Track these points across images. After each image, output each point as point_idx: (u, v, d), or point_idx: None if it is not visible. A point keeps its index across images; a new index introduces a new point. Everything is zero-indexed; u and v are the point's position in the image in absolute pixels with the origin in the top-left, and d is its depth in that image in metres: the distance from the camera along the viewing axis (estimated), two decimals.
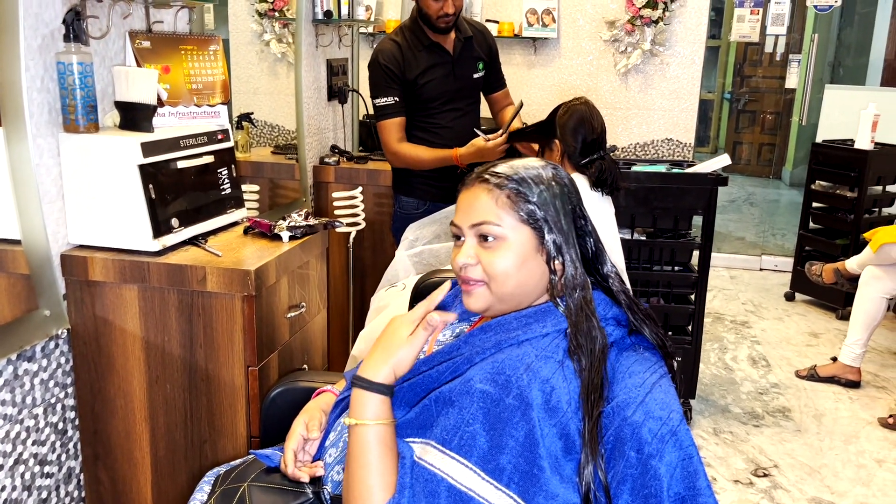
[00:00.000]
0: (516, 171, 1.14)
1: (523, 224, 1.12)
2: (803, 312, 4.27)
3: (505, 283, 1.12)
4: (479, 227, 1.13)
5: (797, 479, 2.62)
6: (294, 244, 1.88)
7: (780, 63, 7.39)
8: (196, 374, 1.74)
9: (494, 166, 1.16)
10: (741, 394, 3.24)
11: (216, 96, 1.97)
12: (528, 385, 1.01)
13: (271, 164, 3.00)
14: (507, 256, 1.11)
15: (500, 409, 1.01)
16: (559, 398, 1.01)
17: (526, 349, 1.07)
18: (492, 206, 1.12)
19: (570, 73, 4.54)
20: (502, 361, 1.06)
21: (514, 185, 1.12)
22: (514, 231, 1.12)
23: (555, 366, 1.04)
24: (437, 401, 1.07)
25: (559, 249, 1.12)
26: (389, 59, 2.50)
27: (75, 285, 1.75)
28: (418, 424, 1.09)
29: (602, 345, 1.06)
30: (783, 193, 7.43)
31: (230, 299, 1.69)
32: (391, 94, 2.51)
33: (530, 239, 1.12)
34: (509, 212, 1.12)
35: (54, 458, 1.79)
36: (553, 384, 1.02)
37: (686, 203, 2.82)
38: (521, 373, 1.03)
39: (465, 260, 1.14)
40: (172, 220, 1.77)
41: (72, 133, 1.70)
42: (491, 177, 1.14)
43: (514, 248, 1.11)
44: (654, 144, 4.57)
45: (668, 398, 1.03)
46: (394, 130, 2.54)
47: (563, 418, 1.00)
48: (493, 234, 1.12)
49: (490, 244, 1.12)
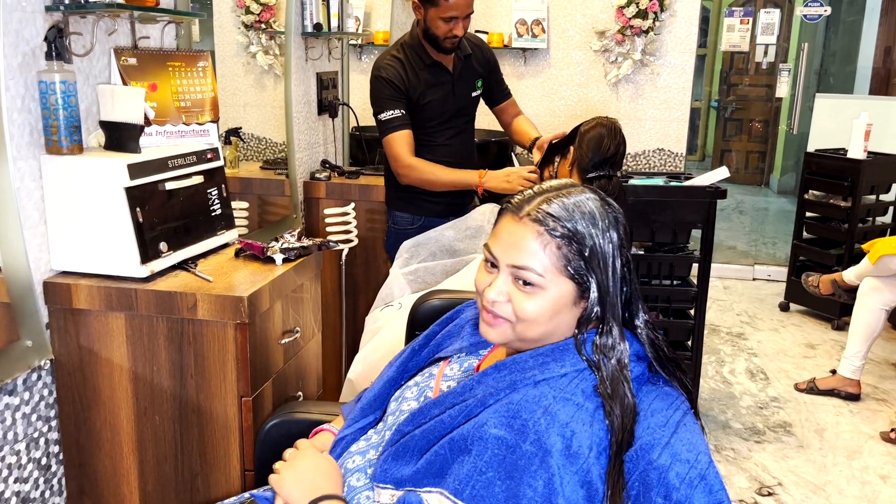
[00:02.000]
0: (571, 216, 1.03)
1: (567, 279, 1.04)
2: (798, 323, 4.23)
3: (532, 329, 1.06)
4: (519, 271, 1.04)
5: (802, 497, 2.57)
6: (288, 267, 1.81)
7: (767, 71, 7.41)
8: (186, 406, 1.67)
9: (548, 203, 1.04)
10: (741, 408, 3.19)
11: (205, 114, 1.90)
12: (546, 430, 0.95)
13: (260, 179, 2.92)
14: (541, 305, 1.04)
15: (517, 457, 0.95)
16: (580, 443, 0.95)
17: (543, 390, 1.01)
18: (538, 254, 1.03)
19: (561, 84, 4.50)
20: (518, 403, 0.99)
21: (567, 235, 1.02)
22: (555, 283, 1.03)
23: (573, 408, 0.98)
24: (451, 447, 1.01)
25: (603, 309, 1.04)
26: (394, 75, 2.43)
27: (59, 314, 1.67)
28: (432, 472, 1.02)
29: (632, 408, 1.00)
30: (772, 201, 7.43)
31: (222, 327, 1.61)
32: (397, 108, 2.43)
33: (571, 292, 1.04)
34: (556, 263, 1.03)
35: (37, 495, 1.71)
36: (573, 428, 0.96)
37: (685, 216, 2.78)
38: (538, 416, 0.97)
39: (495, 296, 1.06)
40: (161, 244, 1.70)
41: (54, 155, 1.62)
42: (543, 218, 1.03)
43: (551, 299, 1.04)
44: (645, 155, 4.54)
45: (694, 438, 0.97)
46: (404, 143, 2.44)
47: (585, 465, 0.94)
48: (533, 281, 1.03)
49: (527, 289, 1.04)
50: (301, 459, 1.16)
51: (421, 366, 1.31)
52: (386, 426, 1.21)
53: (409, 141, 2.45)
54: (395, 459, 1.08)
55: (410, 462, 1.06)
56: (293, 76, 2.80)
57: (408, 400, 1.21)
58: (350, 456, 1.21)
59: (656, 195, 2.76)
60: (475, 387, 1.07)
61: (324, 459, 1.16)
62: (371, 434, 1.24)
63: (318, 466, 1.14)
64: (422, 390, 1.22)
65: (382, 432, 1.21)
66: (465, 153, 2.63)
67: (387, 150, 2.49)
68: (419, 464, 1.04)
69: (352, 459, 1.20)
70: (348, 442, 1.25)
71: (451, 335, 1.31)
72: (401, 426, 1.13)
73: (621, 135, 2.10)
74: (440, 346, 1.31)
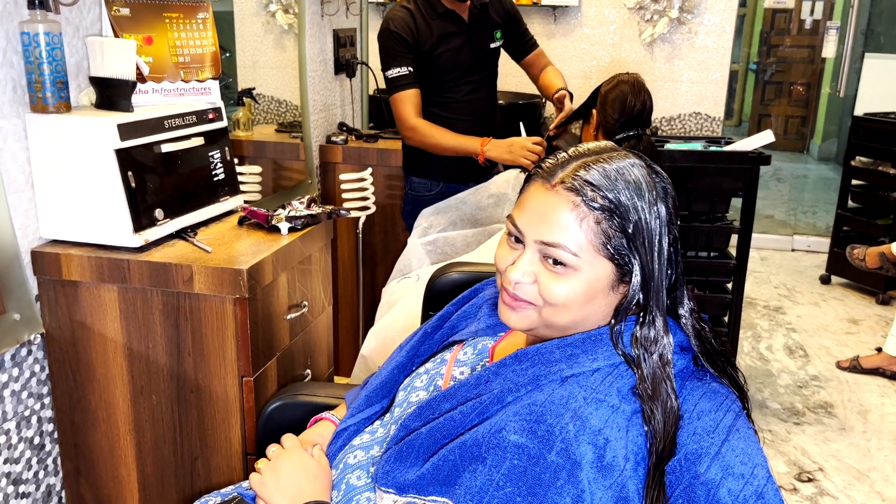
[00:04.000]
0: (614, 185, 0.87)
1: (606, 259, 0.88)
2: (840, 297, 4.03)
3: (561, 315, 0.90)
4: (549, 249, 0.89)
5: (844, 484, 2.41)
6: (294, 236, 1.68)
7: (810, 31, 7.06)
8: (185, 385, 1.55)
9: (586, 169, 0.88)
10: (779, 387, 3.03)
11: (206, 70, 1.76)
12: (575, 438, 0.81)
13: (274, 143, 2.78)
14: (573, 288, 0.88)
15: (541, 469, 0.81)
16: (615, 453, 0.80)
17: (571, 389, 0.86)
18: (574, 229, 0.87)
19: (593, 44, 4.28)
20: (542, 405, 0.84)
21: (608, 207, 0.86)
22: (591, 264, 0.88)
23: (608, 411, 0.83)
24: (462, 453, 0.87)
25: (646, 296, 0.88)
26: (402, 28, 2.27)
27: (49, 285, 1.56)
28: (439, 479, 0.88)
29: (675, 412, 0.85)
30: (812, 168, 7.13)
31: (220, 302, 1.49)
32: (405, 65, 2.28)
33: (609, 274, 0.89)
34: (594, 240, 0.87)
35: (30, 475, 1.61)
36: (607, 435, 0.81)
37: (724, 184, 2.59)
38: (566, 422, 0.82)
39: (518, 277, 0.91)
40: (156, 211, 1.57)
41: (40, 113, 1.50)
42: (581, 186, 0.87)
43: (585, 282, 0.88)
44: (680, 119, 4.32)
45: (749, 447, 0.82)
46: (409, 103, 2.31)
47: (620, 478, 0.80)
48: (565, 261, 0.88)
49: (557, 269, 0.89)
50: (285, 461, 1.03)
51: (434, 350, 1.18)
52: (392, 419, 1.08)
53: (416, 101, 2.31)
54: (399, 461, 0.95)
55: (415, 465, 0.92)
56: (307, 32, 2.64)
57: (417, 390, 1.08)
58: (352, 450, 1.08)
59: (694, 161, 2.58)
60: (491, 379, 0.92)
61: (311, 461, 1.04)
62: (377, 426, 1.11)
63: (303, 468, 1.01)
64: (432, 378, 1.08)
65: (388, 426, 1.08)
66: (485, 111, 2.46)
67: (393, 110, 2.36)
68: (425, 467, 0.90)
69: (353, 455, 1.07)
70: (350, 434, 1.12)
71: (468, 316, 1.16)
72: (406, 421, 1.00)
73: (646, 90, 1.93)
74: (455, 328, 1.17)
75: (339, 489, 1.03)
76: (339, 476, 1.05)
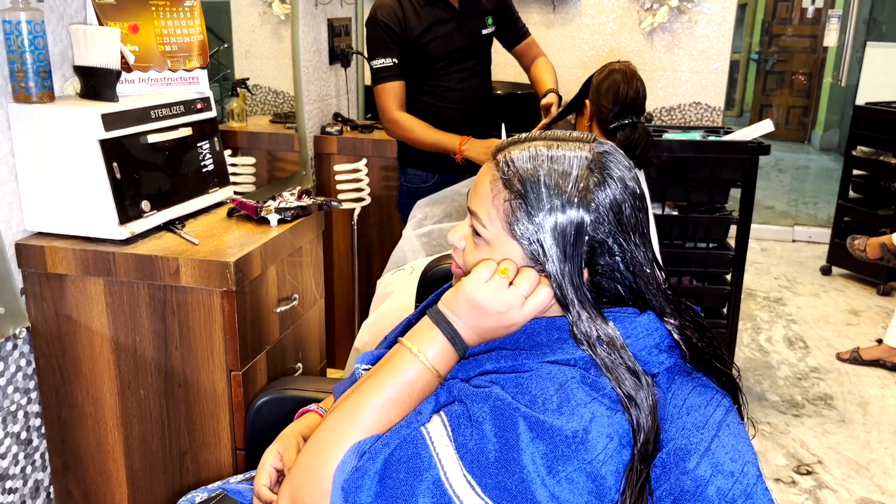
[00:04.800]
0: (535, 170, 0.85)
1: (513, 239, 0.86)
2: (841, 288, 4.00)
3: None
4: (472, 217, 0.90)
5: (844, 476, 2.39)
6: (283, 228, 1.65)
7: (812, 20, 7.00)
8: (172, 379, 1.53)
9: (521, 147, 0.88)
10: (778, 379, 3.00)
11: (194, 59, 1.73)
12: (557, 408, 0.79)
13: (269, 134, 2.75)
14: (485, 263, 0.87)
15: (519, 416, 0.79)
16: (599, 431, 0.78)
17: (560, 368, 0.83)
18: (487, 201, 0.88)
19: (592, 33, 4.23)
20: (528, 378, 0.83)
21: (518, 190, 0.85)
22: (500, 241, 0.87)
23: (594, 391, 0.81)
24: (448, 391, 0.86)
25: (561, 290, 0.85)
26: (388, 16, 2.23)
27: (34, 278, 1.54)
28: None
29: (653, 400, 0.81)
30: (813, 159, 7.09)
31: (207, 295, 1.46)
32: (389, 55, 2.25)
33: (520, 258, 0.87)
34: (502, 217, 0.86)
35: (17, 471, 1.59)
36: (593, 410, 0.79)
37: (723, 174, 2.56)
38: (550, 393, 0.80)
39: (454, 240, 0.93)
40: (143, 203, 1.54)
41: (23, 103, 1.47)
42: (505, 163, 0.87)
43: (496, 258, 0.87)
44: (680, 109, 4.27)
45: (739, 444, 0.80)
46: (392, 95, 2.28)
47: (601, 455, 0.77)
48: (480, 232, 0.89)
49: (476, 239, 0.90)
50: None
51: None
52: None
53: (398, 93, 2.29)
54: None
55: None
56: (301, 21, 2.61)
57: None
58: None
59: (693, 151, 2.54)
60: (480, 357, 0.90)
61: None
62: None
63: None
64: None
65: None
66: (479, 99, 2.42)
67: (376, 100, 2.33)
68: None
69: None
70: None
71: None
72: None
73: (638, 77, 1.90)
74: None
75: None
76: None
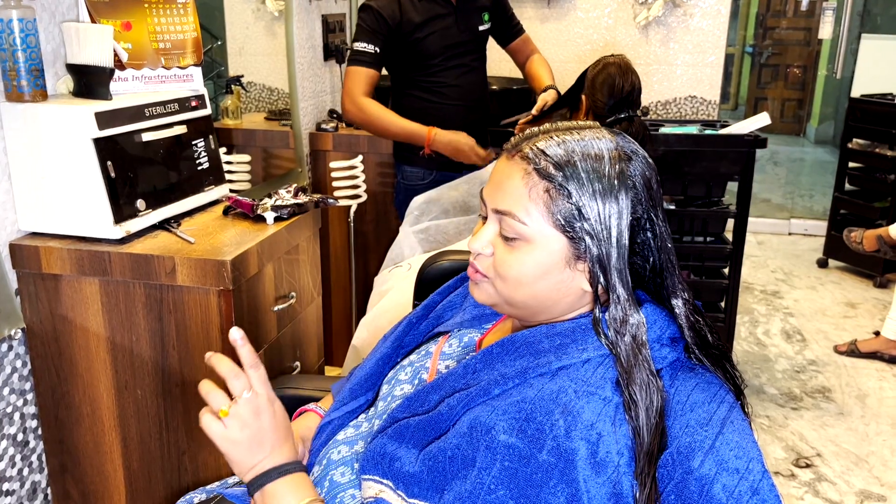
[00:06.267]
0: (569, 156, 0.85)
1: (558, 230, 0.85)
2: (838, 280, 4.00)
3: (516, 291, 0.88)
4: (503, 217, 0.88)
5: (843, 469, 2.39)
6: (280, 226, 1.64)
7: (806, 13, 7.00)
8: (170, 379, 1.52)
9: (544, 138, 0.87)
10: (776, 372, 3.00)
11: (188, 57, 1.71)
12: (566, 434, 0.77)
13: (264, 131, 2.74)
14: (524, 262, 0.86)
15: (532, 470, 0.77)
16: (608, 448, 0.77)
17: (562, 383, 0.82)
18: (523, 196, 0.85)
19: (587, 27, 4.22)
20: (532, 402, 0.81)
21: (557, 177, 0.84)
22: (542, 235, 0.85)
23: (600, 404, 0.80)
24: (449, 456, 0.83)
25: (605, 274, 0.85)
26: (384, 7, 2.21)
27: (28, 279, 1.53)
28: (427, 483, 0.84)
29: (660, 403, 0.81)
30: (809, 152, 7.10)
31: (204, 294, 1.45)
32: (373, 43, 2.23)
33: (563, 249, 0.86)
34: (542, 209, 0.85)
35: (14, 473, 1.58)
36: (600, 430, 0.78)
37: (720, 168, 2.55)
38: (556, 418, 0.79)
39: (478, 247, 0.90)
40: (138, 201, 1.53)
41: (15, 102, 1.46)
42: (536, 155, 0.86)
43: (538, 256, 0.86)
44: (676, 102, 4.27)
45: (744, 441, 0.79)
46: (362, 80, 2.24)
47: (614, 474, 0.76)
48: (518, 231, 0.86)
49: (512, 242, 0.87)
50: (257, 418, 0.87)
51: (419, 341, 1.14)
52: (377, 413, 1.04)
53: (369, 81, 2.25)
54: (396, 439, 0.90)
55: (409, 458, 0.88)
56: (295, 17, 2.59)
57: (401, 383, 1.05)
58: (336, 446, 1.05)
59: (689, 145, 2.54)
60: (479, 370, 0.89)
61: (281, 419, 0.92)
62: (361, 420, 1.08)
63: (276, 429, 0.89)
64: (416, 371, 1.05)
65: (373, 420, 1.04)
66: (476, 95, 2.41)
67: (344, 81, 2.30)
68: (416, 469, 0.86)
69: (337, 450, 1.04)
70: (335, 428, 1.09)
71: (453, 307, 1.13)
72: (394, 413, 0.97)
73: (633, 70, 1.90)
74: (440, 318, 1.14)
75: (323, 486, 0.99)
76: (322, 473, 1.01)
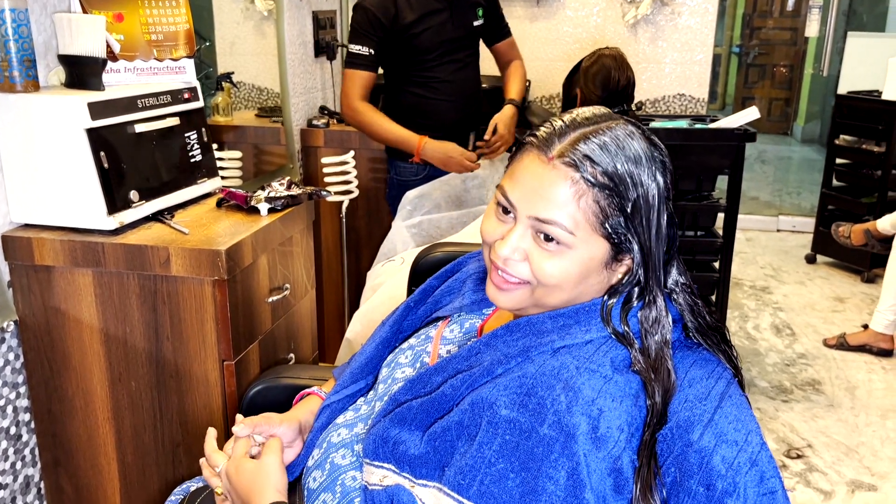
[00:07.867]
0: (613, 160, 0.82)
1: (603, 238, 0.84)
2: (826, 276, 4.03)
3: (553, 296, 0.87)
4: (543, 225, 0.84)
5: (834, 459, 2.41)
6: (274, 217, 1.64)
7: (792, 13, 7.06)
8: (164, 370, 1.52)
9: (585, 141, 0.83)
10: (767, 366, 3.02)
11: (180, 49, 1.71)
12: (567, 409, 0.78)
13: (255, 127, 2.74)
14: (566, 268, 0.84)
15: (533, 444, 0.78)
16: (609, 424, 0.78)
17: (563, 359, 0.83)
18: (571, 206, 0.82)
19: (576, 26, 4.24)
20: (533, 377, 0.81)
21: (608, 185, 0.82)
22: (586, 242, 0.84)
23: (600, 381, 0.81)
24: (452, 431, 0.84)
25: (646, 276, 0.85)
26: (378, 5, 2.22)
27: (21, 271, 1.52)
28: (434, 463, 0.85)
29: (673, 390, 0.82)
30: (796, 150, 7.15)
31: (199, 284, 1.45)
32: (368, 45, 2.25)
33: (604, 253, 0.85)
34: (591, 219, 0.83)
35: (7, 466, 1.57)
36: (601, 406, 0.79)
37: (710, 162, 2.57)
38: (557, 393, 0.79)
39: (508, 253, 0.87)
40: (131, 193, 1.53)
41: (7, 93, 1.45)
42: (580, 161, 0.82)
43: (580, 261, 0.84)
44: (665, 100, 4.29)
45: (741, 414, 0.80)
46: (359, 83, 2.29)
47: (615, 450, 0.77)
48: (560, 238, 0.84)
49: (549, 245, 0.85)
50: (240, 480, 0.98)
51: (417, 326, 1.15)
52: (377, 395, 1.05)
53: (366, 84, 2.30)
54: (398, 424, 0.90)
55: (412, 440, 0.88)
56: (286, 14, 2.60)
57: (402, 366, 1.05)
58: (336, 428, 1.05)
59: (679, 139, 2.55)
60: (482, 351, 0.89)
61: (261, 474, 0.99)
62: (361, 404, 1.08)
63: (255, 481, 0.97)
64: (417, 355, 1.05)
65: (373, 402, 1.04)
66: (470, 91, 2.42)
67: (342, 84, 2.34)
68: (420, 450, 0.86)
69: (337, 433, 1.04)
70: (335, 411, 1.09)
71: (451, 291, 1.13)
72: (396, 395, 0.97)
73: (628, 65, 1.91)
74: (438, 303, 1.14)
75: (324, 469, 1.00)
76: (323, 455, 1.02)
